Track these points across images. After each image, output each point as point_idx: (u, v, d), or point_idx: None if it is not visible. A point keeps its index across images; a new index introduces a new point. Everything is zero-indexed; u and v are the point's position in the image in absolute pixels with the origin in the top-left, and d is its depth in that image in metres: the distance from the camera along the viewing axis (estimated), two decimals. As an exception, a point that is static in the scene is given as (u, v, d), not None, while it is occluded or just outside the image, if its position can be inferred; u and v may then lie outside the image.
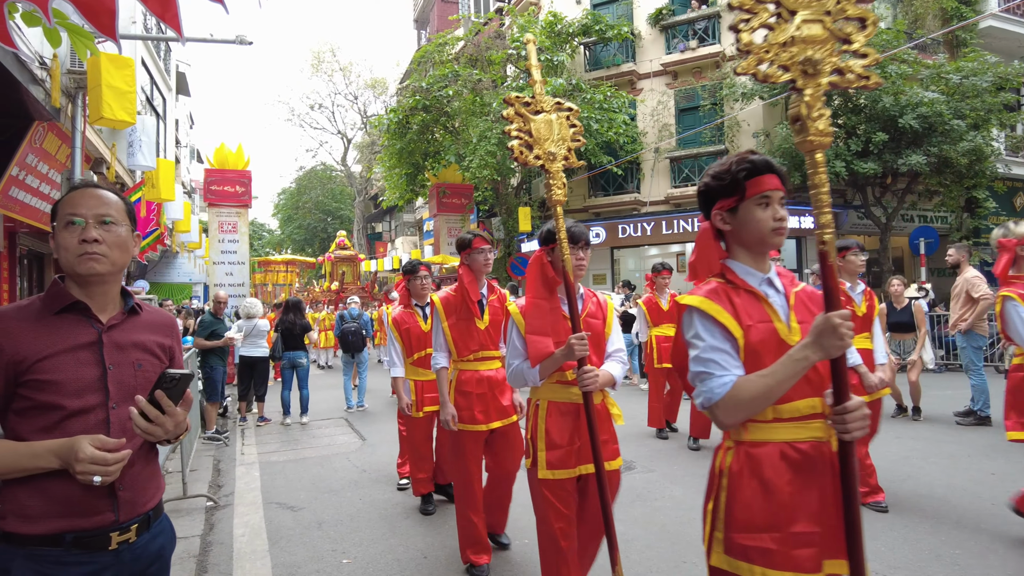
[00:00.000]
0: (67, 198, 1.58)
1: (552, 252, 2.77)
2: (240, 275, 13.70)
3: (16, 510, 1.46)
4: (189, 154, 31.83)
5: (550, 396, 2.80)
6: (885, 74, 12.87)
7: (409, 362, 4.76)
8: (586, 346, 2.50)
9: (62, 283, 1.60)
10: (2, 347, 1.46)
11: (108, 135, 10.84)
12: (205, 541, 4.39)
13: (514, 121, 2.58)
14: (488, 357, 3.80)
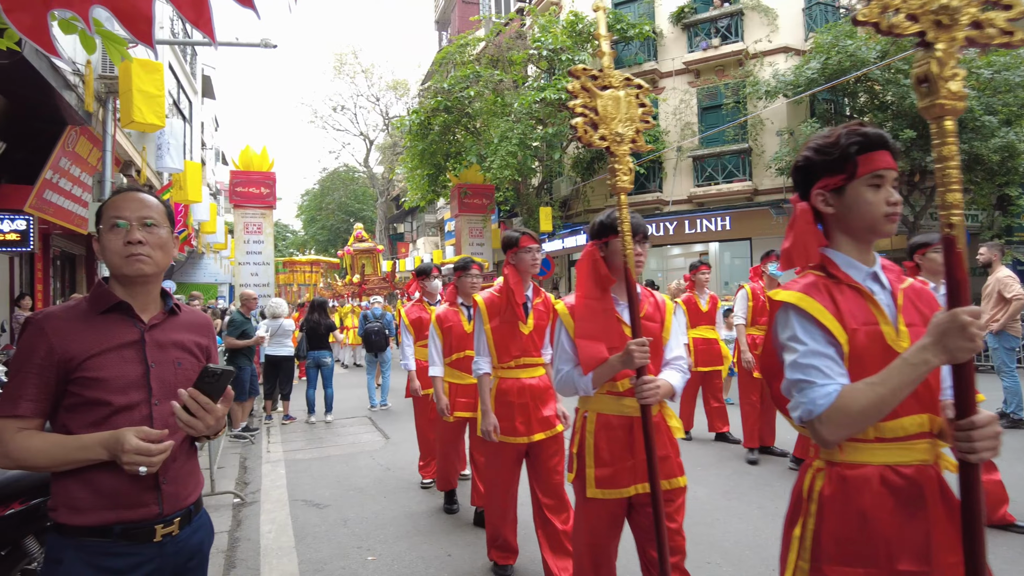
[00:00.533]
0: (112, 202, 1.64)
1: (606, 246, 2.49)
2: (265, 275, 13.88)
3: (67, 502, 1.52)
4: (214, 156, 32.33)
5: (600, 408, 2.52)
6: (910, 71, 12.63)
7: (446, 362, 4.50)
8: (647, 354, 2.22)
9: (106, 284, 1.66)
10: (53, 346, 1.52)
11: (137, 138, 11.07)
12: (233, 537, 4.46)
13: (579, 96, 2.25)
14: (530, 364, 3.57)
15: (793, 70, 13.79)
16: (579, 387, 2.47)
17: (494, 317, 3.53)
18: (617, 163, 2.28)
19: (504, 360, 3.53)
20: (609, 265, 2.46)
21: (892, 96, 12.98)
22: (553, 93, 14.51)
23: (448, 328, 4.46)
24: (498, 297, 3.55)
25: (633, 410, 2.38)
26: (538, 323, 3.59)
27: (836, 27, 13.54)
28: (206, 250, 19.55)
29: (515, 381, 3.51)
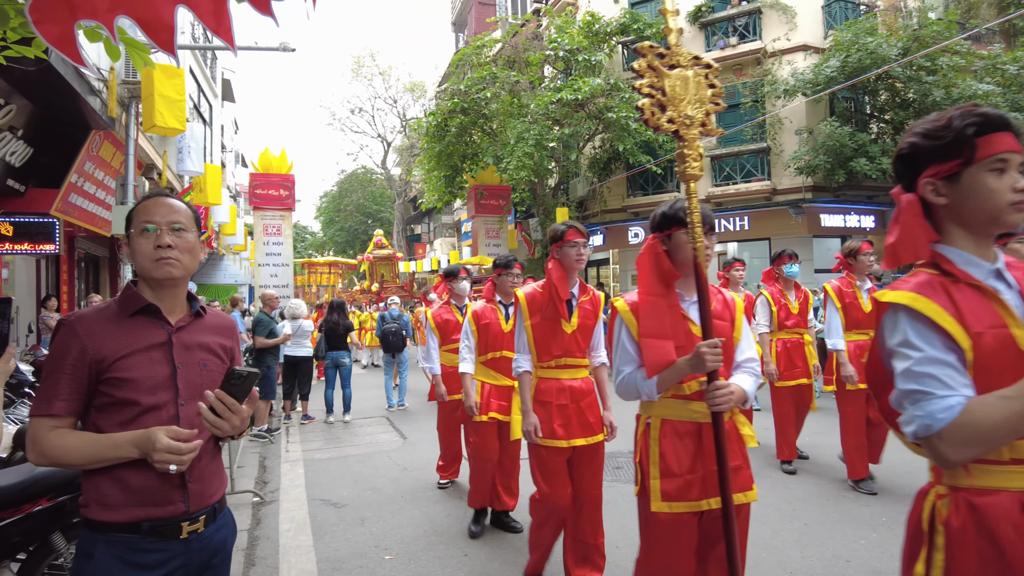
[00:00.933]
0: (141, 206, 1.69)
1: (669, 239, 2.30)
2: (284, 276, 14.02)
3: (97, 499, 1.57)
4: (234, 159, 32.72)
5: (665, 413, 2.32)
6: (936, 67, 12.46)
7: (480, 360, 4.30)
8: (719, 356, 2.04)
9: (135, 287, 1.71)
10: (86, 347, 1.57)
11: (159, 142, 11.24)
12: (252, 535, 4.52)
13: (645, 75, 2.09)
14: (572, 365, 3.36)
15: (812, 68, 13.65)
16: (642, 391, 2.29)
17: (535, 314, 3.35)
18: (687, 148, 2.09)
19: (544, 359, 3.35)
20: (673, 259, 2.29)
21: (914, 93, 12.81)
22: (570, 94, 14.49)
23: (484, 325, 4.26)
24: (540, 293, 3.37)
25: (702, 415, 2.24)
26: (583, 322, 3.36)
27: (856, 24, 13.39)
28: (226, 252, 19.82)
29: (555, 382, 3.33)
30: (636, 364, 2.32)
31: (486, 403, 4.22)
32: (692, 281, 2.25)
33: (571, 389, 3.32)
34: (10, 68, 5.49)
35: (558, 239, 3.30)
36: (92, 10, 1.57)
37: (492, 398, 4.23)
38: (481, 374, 4.31)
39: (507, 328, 4.20)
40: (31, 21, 1.52)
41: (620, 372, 2.38)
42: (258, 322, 7.98)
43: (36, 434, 1.54)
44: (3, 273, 8.48)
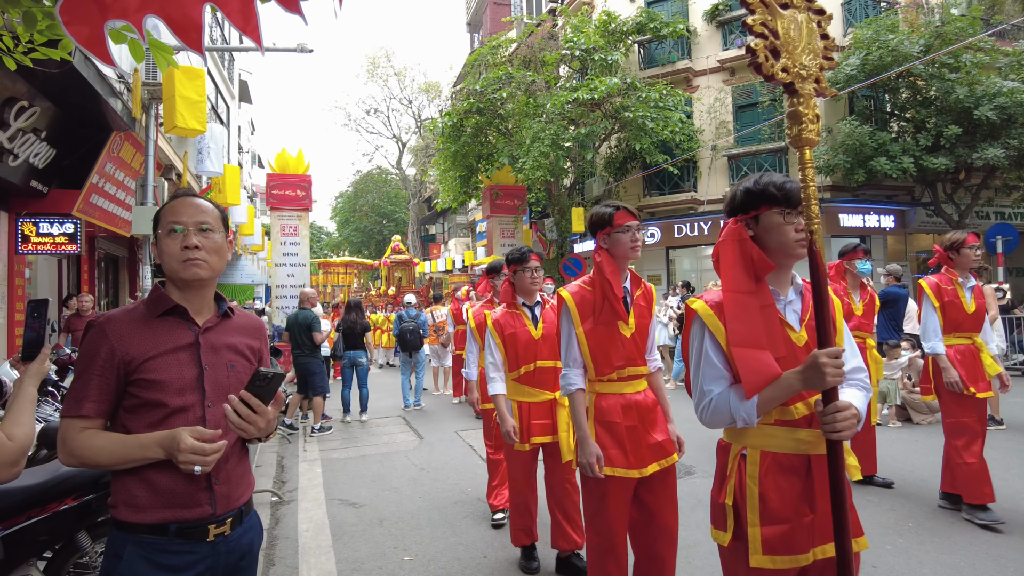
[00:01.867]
0: (169, 207, 1.68)
1: (756, 222, 1.88)
2: (301, 277, 14.08)
3: (126, 500, 1.57)
4: (251, 159, 33.00)
5: (766, 443, 1.84)
6: (959, 64, 12.27)
7: (511, 378, 3.68)
8: (841, 368, 1.62)
9: (163, 288, 1.71)
10: (115, 349, 1.57)
11: (178, 143, 11.34)
12: (272, 535, 4.53)
13: (756, 10, 1.73)
14: (635, 375, 2.82)
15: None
16: (738, 415, 1.79)
17: (587, 318, 2.78)
18: (802, 106, 1.74)
19: (605, 372, 2.78)
20: (762, 247, 1.87)
21: (936, 91, 12.62)
22: (586, 93, 14.44)
23: (511, 336, 3.64)
24: (590, 291, 2.81)
25: (811, 446, 1.81)
26: (640, 322, 2.85)
27: (877, 21, 13.23)
28: (243, 252, 19.98)
29: (617, 398, 2.78)
30: (727, 381, 1.85)
31: (526, 428, 3.58)
32: (786, 275, 1.91)
33: (637, 405, 2.79)
34: (34, 71, 5.57)
35: (605, 224, 2.77)
36: (122, 10, 1.57)
37: (532, 419, 3.58)
38: (515, 393, 3.68)
39: (537, 334, 3.61)
40: (62, 23, 1.52)
41: (707, 394, 1.86)
42: (313, 319, 8.11)
43: (66, 434, 1.55)
44: (26, 273, 8.59)
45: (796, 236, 1.80)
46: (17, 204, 7.82)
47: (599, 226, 2.81)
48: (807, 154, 1.73)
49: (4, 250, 7.80)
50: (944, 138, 12.37)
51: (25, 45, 2.86)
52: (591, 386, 2.83)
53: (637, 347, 2.81)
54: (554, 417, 3.56)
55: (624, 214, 2.76)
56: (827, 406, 1.65)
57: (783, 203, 1.83)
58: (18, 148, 6.79)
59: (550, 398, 3.59)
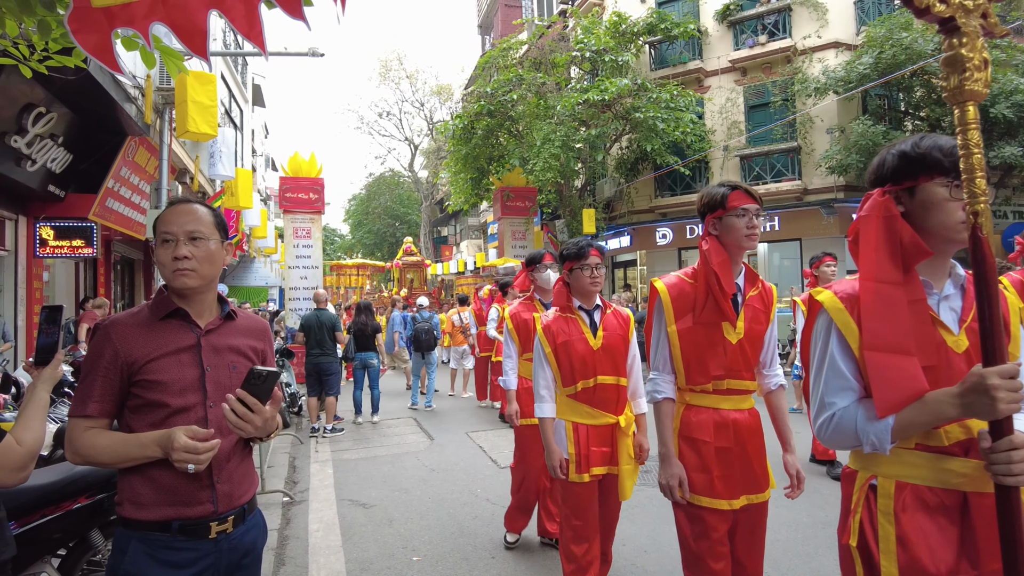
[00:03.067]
0: (163, 216, 1.72)
1: (911, 195, 1.49)
2: (314, 279, 14.17)
3: (131, 497, 1.61)
4: (264, 163, 33.31)
5: (905, 473, 1.46)
6: (974, 62, 12.11)
7: (566, 394, 2.99)
8: (1020, 392, 1.23)
9: (166, 292, 1.74)
10: (118, 351, 1.61)
11: (191, 147, 11.47)
12: (282, 535, 4.57)
13: None
14: (738, 390, 2.35)
15: (844, 66, 13.39)
16: (866, 438, 1.43)
17: (683, 314, 2.34)
18: (966, 47, 1.32)
19: (698, 381, 2.34)
20: (918, 227, 1.46)
21: (950, 90, 12.46)
22: (596, 94, 14.43)
23: (564, 345, 2.95)
24: (691, 284, 2.36)
25: (968, 481, 1.39)
26: (752, 327, 2.35)
27: (890, 19, 13.10)
28: (257, 254, 20.15)
29: (711, 413, 2.33)
30: (856, 393, 1.49)
31: (584, 455, 2.88)
32: (943, 263, 1.52)
33: (735, 425, 2.32)
34: (51, 77, 5.68)
35: (716, 206, 2.29)
36: (129, 18, 1.60)
37: (592, 445, 2.90)
38: (570, 412, 2.98)
39: (596, 344, 2.94)
40: (70, 31, 1.56)
41: (830, 407, 1.52)
42: (337, 320, 8.29)
43: (72, 434, 1.60)
44: (44, 276, 8.73)
45: (963, 216, 1.38)
46: (35, 208, 7.96)
47: (709, 208, 2.33)
48: (971, 111, 1.31)
49: (23, 254, 7.94)
50: (959, 137, 12.22)
51: (40, 53, 2.92)
52: (680, 396, 2.41)
53: (744, 356, 2.33)
54: (615, 444, 2.90)
55: (741, 195, 2.28)
56: (998, 440, 1.24)
57: (951, 173, 1.42)
58: (36, 153, 6.91)
59: (611, 422, 2.91)
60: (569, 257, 3.03)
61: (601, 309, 3.02)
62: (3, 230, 7.67)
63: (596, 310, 3.05)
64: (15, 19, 2.34)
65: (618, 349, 2.96)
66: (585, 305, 3.05)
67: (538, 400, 3.03)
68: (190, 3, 1.62)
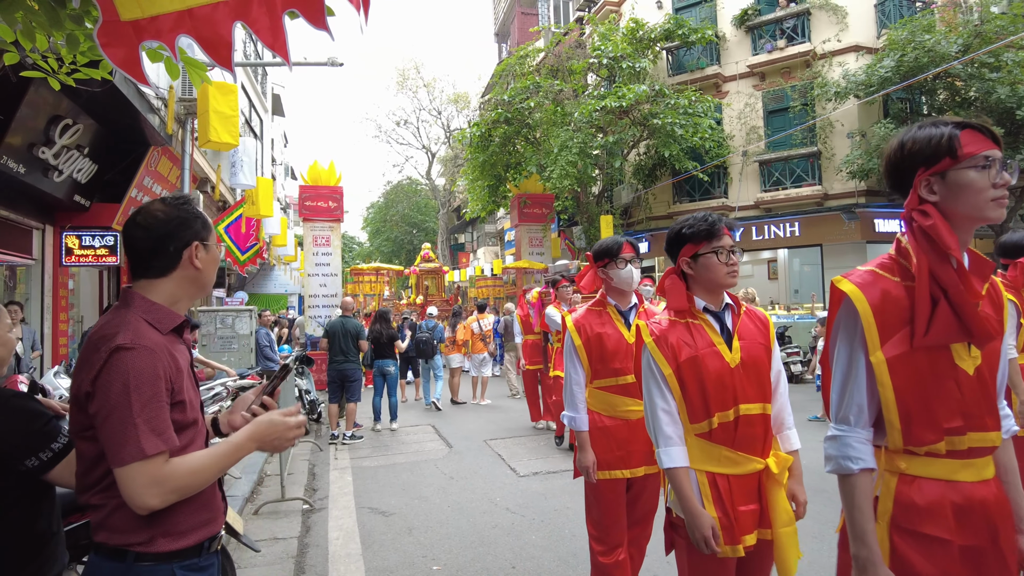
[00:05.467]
0: None
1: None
2: (333, 286, 14.29)
3: (166, 529, 1.48)
4: (284, 171, 33.65)
5: None
6: (1000, 63, 11.93)
7: (695, 432, 2.11)
8: None
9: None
10: (168, 372, 1.49)
11: (212, 156, 11.62)
12: (302, 543, 4.58)
13: None
14: (981, 448, 1.52)
15: (865, 69, 13.24)
16: None
17: (894, 332, 1.51)
18: None
19: (924, 439, 1.50)
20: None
21: (976, 92, 12.29)
22: (614, 101, 14.41)
23: (692, 362, 2.09)
24: (897, 284, 1.54)
25: None
26: (992, 350, 1.55)
27: (912, 22, 12.94)
28: (276, 262, 20.33)
29: (946, 489, 1.49)
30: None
31: (731, 519, 2.03)
32: None
33: (984, 507, 1.49)
34: (77, 90, 5.78)
35: (943, 154, 1.50)
36: (156, 31, 1.62)
37: (738, 503, 2.06)
38: (703, 459, 2.10)
39: (734, 360, 2.10)
40: (99, 45, 1.58)
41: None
42: (361, 328, 8.43)
43: (159, 473, 1.40)
44: (69, 284, 8.87)
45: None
46: (62, 218, 8.11)
47: (924, 161, 1.52)
48: None
49: (49, 262, 8.08)
50: (985, 139, 12.04)
51: (68, 66, 2.97)
52: (891, 460, 1.55)
53: (986, 393, 1.52)
54: (764, 499, 2.08)
55: (976, 136, 1.50)
56: None
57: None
58: (63, 164, 7.04)
59: (758, 468, 2.08)
60: (692, 237, 2.15)
61: (732, 309, 2.20)
62: (31, 239, 7.81)
63: (726, 311, 2.21)
64: (44, 33, 2.38)
65: (762, 364, 2.14)
66: (712, 306, 2.18)
67: (664, 443, 2.09)
68: (216, 15, 1.63)
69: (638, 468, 2.87)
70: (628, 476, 2.88)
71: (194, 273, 1.62)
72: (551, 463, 6.50)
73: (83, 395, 1.44)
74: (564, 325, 3.16)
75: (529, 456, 6.85)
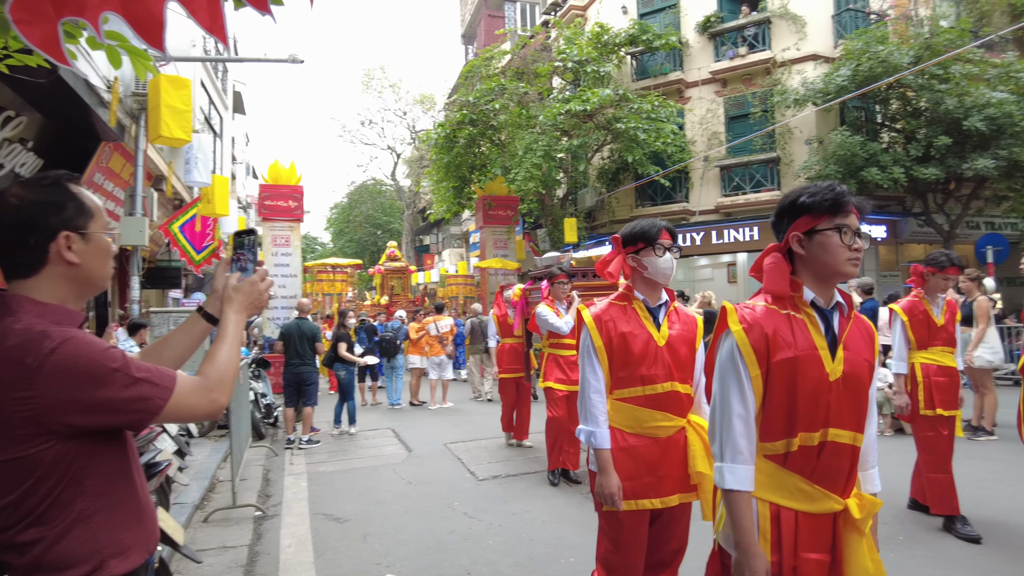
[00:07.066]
0: None
1: None
2: (292, 287, 14.02)
3: (116, 550, 1.34)
4: (245, 170, 32.98)
5: None
6: (948, 75, 12.34)
7: (764, 454, 1.74)
8: None
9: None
10: None
11: (168, 153, 11.28)
12: (252, 551, 4.43)
13: None
14: None
15: (822, 77, 13.57)
16: None
17: None
18: None
19: None
20: None
21: (926, 102, 12.68)
22: (578, 104, 14.46)
23: (787, 365, 1.70)
24: None
25: None
26: None
27: (867, 33, 13.31)
28: (235, 263, 19.78)
29: None
30: None
31: (790, 567, 1.67)
32: None
33: None
34: (21, 80, 5.52)
35: None
36: (79, 7, 1.51)
37: (804, 550, 1.68)
38: (772, 487, 1.72)
39: (836, 371, 1.69)
40: (12, 21, 1.46)
41: None
42: (317, 330, 8.22)
43: (193, 383, 1.37)
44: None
45: None
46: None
47: None
48: None
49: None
50: (934, 148, 12.41)
51: (0, 51, 2.81)
52: None
53: None
54: (839, 549, 1.70)
55: None
56: None
57: None
58: (3, 158, 6.72)
59: (836, 508, 1.69)
60: (813, 208, 1.73)
61: (841, 309, 1.77)
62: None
63: (835, 309, 1.77)
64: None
65: (864, 383, 1.73)
66: (821, 300, 1.75)
67: (730, 456, 1.70)
68: (146, -8, 1.53)
69: (671, 496, 2.37)
70: (659, 506, 2.38)
71: (69, 270, 1.37)
72: (511, 466, 6.44)
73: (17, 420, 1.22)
74: (579, 322, 2.60)
75: (490, 459, 6.77)
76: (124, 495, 1.38)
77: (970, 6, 15.51)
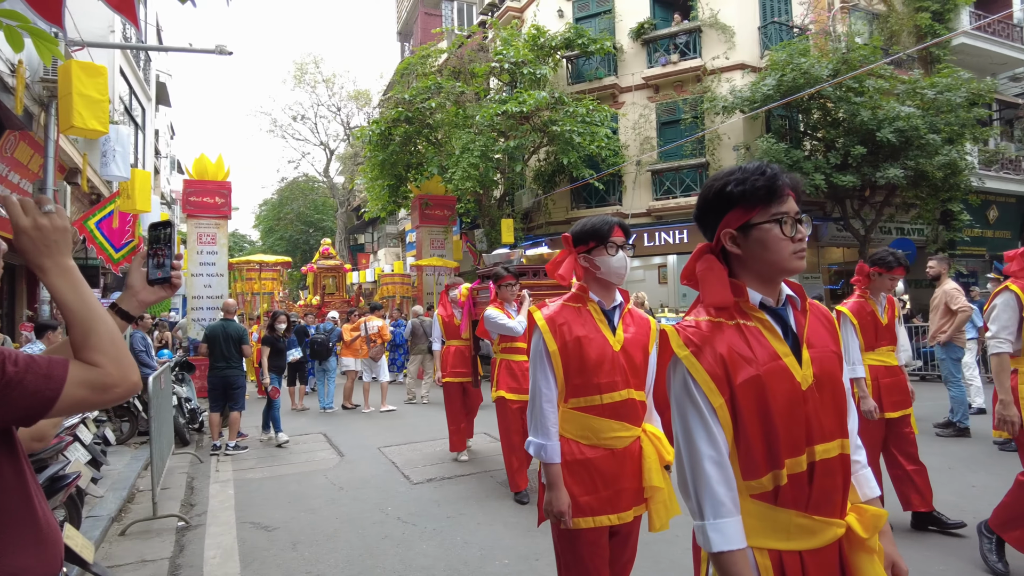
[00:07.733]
0: None
1: None
2: (219, 287, 13.46)
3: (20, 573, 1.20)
4: (170, 165, 31.52)
5: None
6: (863, 88, 13.05)
7: (749, 494, 1.44)
8: None
9: None
10: None
11: (83, 145, 10.65)
12: (174, 564, 4.23)
13: None
14: None
15: (749, 86, 14.10)
16: None
17: None
18: None
19: None
20: None
21: (844, 113, 13.36)
22: (515, 106, 14.51)
23: (751, 384, 1.43)
24: None
25: None
26: None
27: (790, 45, 13.91)
28: (157, 261, 18.84)
29: None
30: None
31: None
32: None
33: None
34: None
35: None
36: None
37: None
38: (765, 532, 1.43)
39: (806, 377, 1.46)
40: None
41: None
42: (244, 332, 7.87)
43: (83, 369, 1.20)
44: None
45: None
46: None
47: None
48: None
49: None
50: (851, 157, 13.10)
51: None
52: None
53: None
54: (851, 573, 1.48)
55: None
56: None
57: None
58: None
59: (839, 532, 1.46)
60: (744, 198, 1.47)
61: (793, 303, 1.54)
62: None
63: (786, 306, 1.54)
64: None
65: (838, 382, 1.53)
66: (770, 300, 1.51)
67: (711, 512, 1.39)
68: (45, -29, 1.42)
69: (627, 512, 2.26)
70: (616, 523, 2.25)
71: None
72: (446, 469, 6.38)
73: None
74: (531, 324, 2.42)
75: (424, 463, 6.69)
76: (18, 514, 1.21)
77: (881, 25, 16.46)
